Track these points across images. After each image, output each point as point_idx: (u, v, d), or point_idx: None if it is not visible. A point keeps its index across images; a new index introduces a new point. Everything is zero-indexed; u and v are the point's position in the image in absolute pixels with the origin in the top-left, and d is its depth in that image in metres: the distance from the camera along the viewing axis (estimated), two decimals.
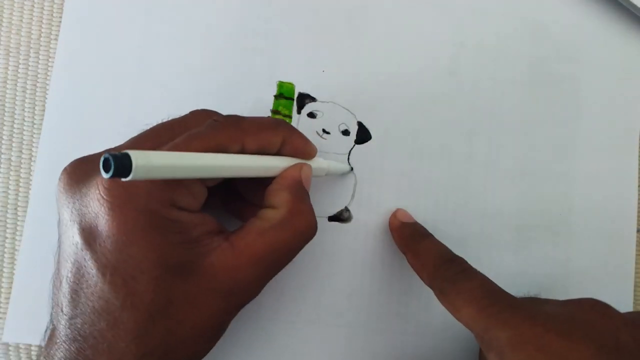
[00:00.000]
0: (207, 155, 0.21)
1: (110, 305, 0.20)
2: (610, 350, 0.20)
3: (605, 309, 0.22)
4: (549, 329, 0.20)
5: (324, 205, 0.31)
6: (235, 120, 0.24)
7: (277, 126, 0.24)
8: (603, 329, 0.21)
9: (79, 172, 0.22)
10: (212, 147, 0.22)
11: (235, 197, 0.28)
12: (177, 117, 0.24)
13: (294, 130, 0.26)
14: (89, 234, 0.20)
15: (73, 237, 0.21)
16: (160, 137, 0.23)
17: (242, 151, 0.23)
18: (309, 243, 0.24)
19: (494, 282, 0.24)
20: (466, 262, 0.26)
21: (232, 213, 0.28)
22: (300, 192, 0.24)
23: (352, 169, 0.31)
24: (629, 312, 0.23)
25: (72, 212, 0.21)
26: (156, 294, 0.20)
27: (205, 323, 0.22)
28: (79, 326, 0.20)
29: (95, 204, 0.20)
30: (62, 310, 0.21)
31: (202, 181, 0.23)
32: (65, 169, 0.22)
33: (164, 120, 0.24)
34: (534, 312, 0.22)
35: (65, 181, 0.22)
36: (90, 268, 0.20)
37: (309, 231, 0.24)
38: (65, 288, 0.21)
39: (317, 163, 0.27)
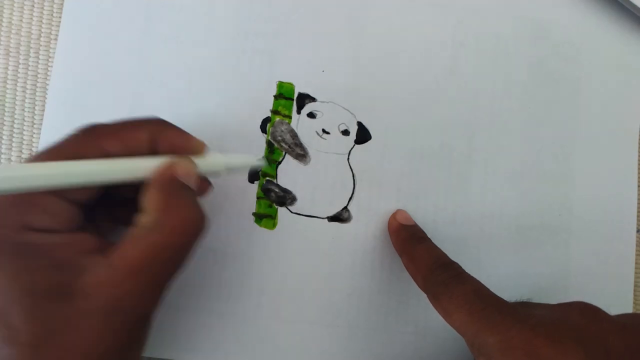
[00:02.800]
0: (53, 164, 0.20)
1: None
2: (600, 355, 0.20)
3: (594, 313, 0.22)
4: (538, 333, 0.20)
5: (323, 205, 0.31)
6: (89, 128, 0.22)
7: (142, 123, 0.23)
8: (592, 333, 0.20)
9: None
10: (68, 158, 0.20)
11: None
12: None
13: (169, 126, 0.23)
14: None
15: None
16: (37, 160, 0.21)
17: (106, 156, 0.21)
18: (309, 243, 0.24)
19: (486, 287, 0.24)
20: (460, 268, 0.25)
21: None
22: (171, 187, 0.22)
23: (265, 158, 0.28)
24: (619, 315, 0.23)
25: None
26: (33, 324, 0.19)
27: (96, 347, 0.20)
28: None
29: None
30: None
31: (62, 198, 0.21)
32: None
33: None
34: (523, 316, 0.21)
35: None
36: None
37: (189, 226, 0.22)
38: None
39: (211, 158, 0.24)
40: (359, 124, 0.31)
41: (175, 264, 0.22)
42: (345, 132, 0.31)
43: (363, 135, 0.31)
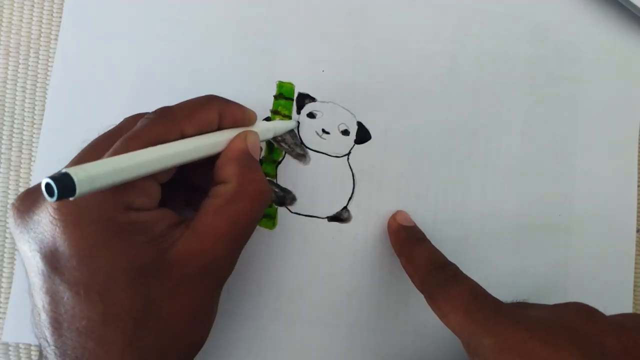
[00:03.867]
0: (145, 151, 0.21)
1: (93, 323, 0.20)
2: (596, 356, 0.20)
3: (590, 313, 0.22)
4: (533, 334, 0.20)
5: (323, 205, 0.31)
6: (165, 111, 0.23)
7: (208, 102, 0.24)
8: (588, 334, 0.20)
9: (27, 203, 0.21)
10: (151, 141, 0.21)
11: (191, 189, 0.28)
12: (111, 128, 0.24)
13: (228, 101, 0.25)
14: (52, 259, 0.20)
15: (38, 267, 0.20)
16: (98, 149, 0.22)
17: (183, 137, 0.23)
18: (309, 243, 0.24)
19: (482, 288, 0.24)
20: (457, 269, 0.25)
21: (192, 207, 0.28)
22: (247, 161, 0.24)
23: (298, 122, 0.31)
24: (615, 315, 0.23)
25: (29, 242, 0.20)
26: (134, 299, 0.20)
27: (192, 311, 0.22)
28: (69, 352, 0.20)
29: (50, 227, 0.20)
30: (47, 341, 0.20)
31: (153, 178, 0.22)
32: (13, 205, 0.22)
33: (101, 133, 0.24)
34: (519, 317, 0.21)
35: (15, 215, 0.21)
36: (64, 292, 0.20)
37: (262, 197, 0.24)
38: (45, 319, 0.20)
39: (261, 126, 0.27)
40: (359, 124, 0.31)
41: (250, 231, 0.24)
42: (345, 132, 0.31)
43: (363, 135, 0.31)
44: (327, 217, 0.31)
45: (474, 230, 0.31)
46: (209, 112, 0.24)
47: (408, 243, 0.28)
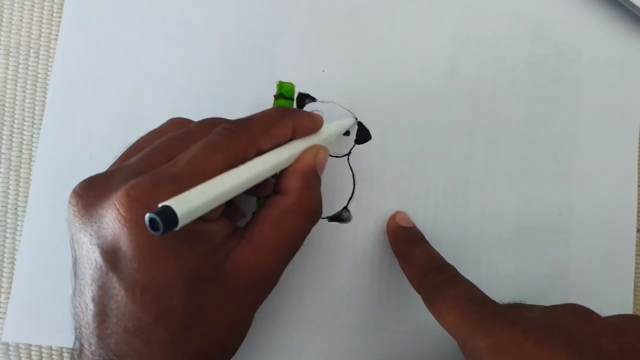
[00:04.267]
0: (237, 173, 0.21)
1: (143, 323, 0.20)
2: (592, 358, 0.19)
3: (587, 315, 0.22)
4: (529, 337, 0.20)
5: (323, 205, 0.31)
6: (245, 126, 0.23)
7: (283, 118, 0.24)
8: (585, 336, 0.20)
9: (92, 194, 0.21)
10: (231, 156, 0.22)
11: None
12: (182, 129, 0.24)
13: (299, 113, 0.25)
14: (112, 256, 0.20)
15: (96, 261, 0.20)
16: (169, 150, 0.22)
17: (259, 153, 0.23)
18: (309, 243, 0.24)
19: (479, 290, 0.24)
20: (455, 270, 0.25)
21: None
22: (311, 178, 0.24)
23: (356, 118, 0.31)
24: (612, 316, 0.23)
25: (91, 236, 0.20)
26: (188, 304, 0.20)
27: (235, 321, 0.22)
28: (113, 346, 0.20)
29: (117, 225, 0.20)
30: (92, 332, 0.21)
31: None
32: (75, 191, 0.21)
33: (163, 132, 0.24)
34: (515, 319, 0.21)
35: (79, 205, 0.21)
36: (118, 289, 0.20)
37: (315, 216, 0.24)
38: (93, 310, 0.20)
39: (326, 132, 0.27)
40: (359, 124, 0.31)
41: (299, 247, 0.24)
42: (346, 132, 0.31)
43: (363, 135, 0.31)
44: (327, 217, 0.31)
45: (474, 230, 0.31)
46: (284, 126, 0.24)
47: (406, 244, 0.28)
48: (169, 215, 0.17)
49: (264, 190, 0.27)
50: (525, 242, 0.31)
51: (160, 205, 0.17)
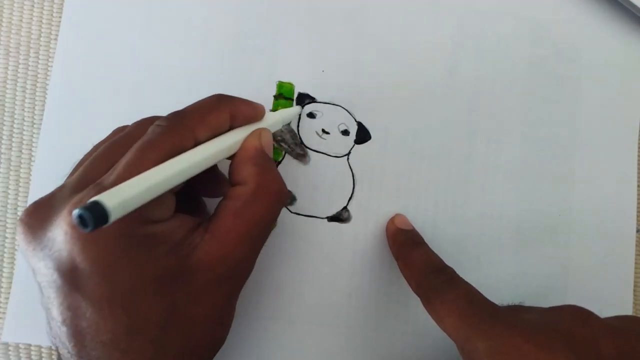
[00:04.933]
0: (167, 166, 0.20)
1: (118, 335, 0.20)
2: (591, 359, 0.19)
3: (586, 317, 0.21)
4: (528, 339, 0.20)
5: (323, 205, 0.31)
6: (177, 117, 0.23)
7: (218, 104, 0.24)
8: (583, 338, 0.20)
9: (38, 218, 0.21)
10: (168, 151, 0.21)
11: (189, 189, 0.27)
12: (121, 133, 0.24)
13: (237, 100, 0.25)
14: (71, 276, 0.20)
15: (56, 284, 0.20)
16: (108, 158, 0.22)
17: (197, 143, 0.23)
18: (309, 243, 0.24)
19: (478, 292, 0.23)
20: (454, 273, 0.25)
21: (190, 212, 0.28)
22: (263, 160, 0.24)
23: (302, 107, 0.31)
24: (611, 318, 0.22)
25: (44, 260, 0.20)
26: (159, 307, 0.20)
27: (214, 313, 0.22)
28: None
29: (67, 245, 0.19)
30: (70, 352, 0.20)
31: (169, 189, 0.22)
32: (21, 219, 0.21)
33: (105, 141, 0.24)
34: (514, 321, 0.21)
35: (26, 232, 0.21)
36: (85, 308, 0.20)
37: (280, 196, 0.24)
38: (66, 331, 0.20)
39: (270, 119, 0.26)
40: (359, 124, 0.31)
41: (269, 231, 0.24)
42: (345, 132, 0.31)
43: (363, 135, 0.31)
44: (327, 217, 0.31)
45: (474, 230, 0.31)
46: (221, 114, 0.24)
47: (406, 246, 0.28)
48: (98, 211, 0.16)
49: (220, 190, 0.26)
50: (525, 243, 0.31)
51: (88, 201, 0.16)
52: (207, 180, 0.26)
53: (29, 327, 0.29)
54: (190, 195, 0.27)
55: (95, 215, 0.16)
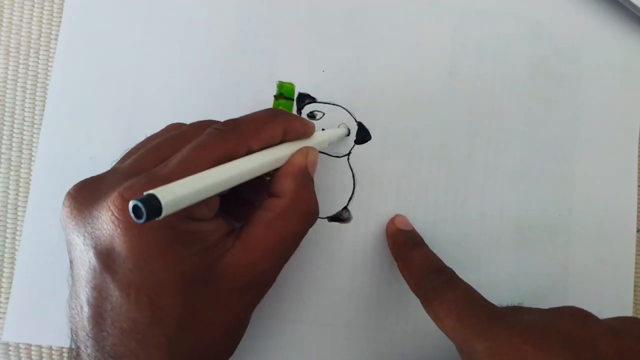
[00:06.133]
0: (222, 169, 0.21)
1: (139, 324, 0.20)
2: None
3: (585, 318, 0.21)
4: (527, 339, 0.20)
5: (323, 205, 0.30)
6: (234, 125, 0.24)
7: (274, 119, 0.25)
8: (582, 339, 0.20)
9: (86, 196, 0.21)
10: (221, 155, 0.22)
11: (234, 197, 0.28)
12: (176, 131, 0.24)
13: (291, 117, 0.26)
14: (107, 257, 0.20)
15: (90, 262, 0.20)
16: (162, 152, 0.22)
17: (249, 152, 0.23)
18: (309, 243, 0.24)
19: (478, 293, 0.23)
20: (454, 273, 0.25)
21: (231, 215, 0.28)
22: (304, 178, 0.25)
23: (349, 129, 0.31)
24: (610, 319, 0.22)
25: (85, 237, 0.21)
26: (182, 305, 0.21)
27: (230, 321, 0.22)
28: (109, 348, 0.20)
29: (110, 226, 0.20)
30: (87, 334, 0.21)
31: None
32: (69, 193, 0.22)
33: (159, 136, 0.24)
34: (513, 322, 0.21)
35: (72, 206, 0.21)
36: (113, 290, 0.20)
37: (311, 216, 0.25)
38: (87, 312, 0.21)
39: (318, 138, 0.27)
40: (359, 124, 0.31)
41: (295, 248, 0.24)
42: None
43: (363, 135, 0.31)
44: (327, 217, 0.31)
45: (474, 230, 0.31)
46: (275, 128, 0.24)
47: (405, 247, 0.28)
48: (153, 204, 0.17)
49: (259, 195, 0.27)
50: (525, 243, 0.31)
51: (145, 193, 0.17)
52: (252, 186, 0.26)
53: (29, 327, 0.29)
54: (232, 199, 0.27)
55: (150, 208, 0.17)
